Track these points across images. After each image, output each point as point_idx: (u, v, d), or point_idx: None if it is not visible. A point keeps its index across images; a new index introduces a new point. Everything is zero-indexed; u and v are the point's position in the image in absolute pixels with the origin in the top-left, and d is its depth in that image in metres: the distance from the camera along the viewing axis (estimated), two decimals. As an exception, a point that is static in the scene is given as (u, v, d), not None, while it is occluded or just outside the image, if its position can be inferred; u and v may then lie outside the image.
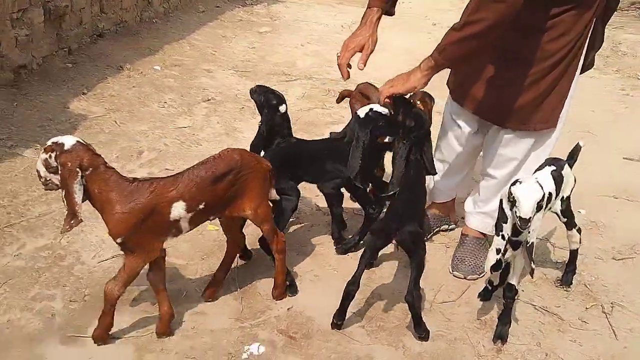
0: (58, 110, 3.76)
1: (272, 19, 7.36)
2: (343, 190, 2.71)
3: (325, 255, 2.74)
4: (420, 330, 2.23)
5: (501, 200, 2.12)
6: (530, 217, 2.00)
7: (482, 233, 2.74)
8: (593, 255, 2.81)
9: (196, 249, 2.71)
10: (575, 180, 2.39)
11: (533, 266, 2.15)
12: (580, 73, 2.45)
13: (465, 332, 2.30)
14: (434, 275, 2.62)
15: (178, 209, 2.03)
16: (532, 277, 2.28)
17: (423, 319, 2.22)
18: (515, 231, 2.09)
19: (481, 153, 2.74)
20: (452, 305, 2.46)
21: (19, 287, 2.37)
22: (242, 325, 2.28)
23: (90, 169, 1.93)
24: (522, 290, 2.54)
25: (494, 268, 2.21)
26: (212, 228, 2.87)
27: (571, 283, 2.57)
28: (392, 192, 2.27)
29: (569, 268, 2.58)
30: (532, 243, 2.10)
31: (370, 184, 2.70)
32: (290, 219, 2.75)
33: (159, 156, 3.50)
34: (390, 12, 2.56)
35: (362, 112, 2.49)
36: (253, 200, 2.17)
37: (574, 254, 2.55)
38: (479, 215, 2.72)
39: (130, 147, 3.55)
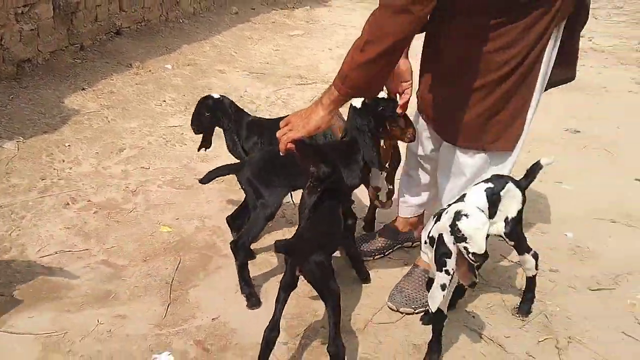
0: (52, 105, 3.81)
1: (308, 23, 7.30)
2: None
3: (274, 267, 2.60)
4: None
5: (441, 235, 1.91)
6: (485, 252, 1.80)
7: None
8: (567, 284, 2.52)
9: (142, 250, 2.64)
10: (523, 201, 2.13)
11: (476, 280, 1.93)
12: (546, 89, 2.20)
13: (394, 357, 2.10)
14: (382, 292, 2.42)
15: None
16: (472, 288, 2.04)
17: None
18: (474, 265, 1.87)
19: None
20: (389, 327, 2.25)
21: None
22: (160, 332, 2.18)
23: None
24: (473, 317, 2.31)
25: (429, 286, 2.01)
26: (165, 229, 2.80)
27: (529, 312, 2.31)
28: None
29: (526, 296, 2.32)
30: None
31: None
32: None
33: (138, 154, 3.47)
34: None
35: (357, 102, 2.32)
36: None
37: (531, 281, 2.29)
38: None
39: (113, 144, 3.54)
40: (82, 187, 3.08)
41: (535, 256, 2.23)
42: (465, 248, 1.81)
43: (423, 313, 2.29)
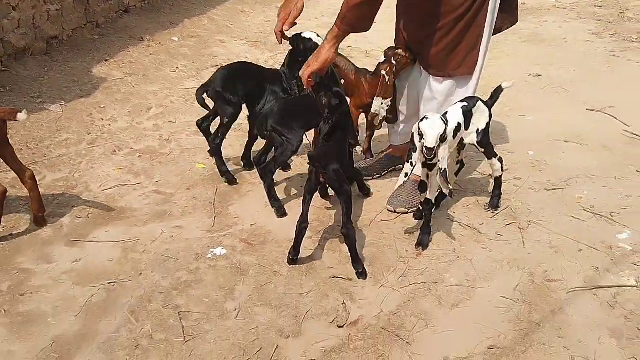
0: (83, 74, 4.35)
1: (293, -4, 7.79)
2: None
3: (294, 185, 3.21)
4: (358, 266, 2.50)
5: (412, 133, 2.52)
6: (433, 147, 2.40)
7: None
8: (528, 187, 3.17)
9: (184, 182, 3.23)
10: (490, 116, 2.75)
11: (450, 187, 2.56)
12: (494, 34, 2.84)
13: (394, 241, 2.74)
14: (381, 200, 3.04)
15: None
16: (450, 197, 2.69)
17: (358, 253, 2.52)
18: (426, 158, 2.50)
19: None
20: (389, 223, 2.89)
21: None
22: (212, 235, 2.78)
23: None
24: (454, 212, 2.95)
25: (420, 189, 2.64)
26: (200, 166, 3.39)
27: (497, 207, 2.95)
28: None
29: (494, 193, 2.95)
30: (445, 169, 2.49)
31: None
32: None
33: (165, 111, 4.04)
34: None
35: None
36: None
37: (497, 180, 2.92)
38: None
39: (141, 104, 4.10)
40: (123, 138, 3.65)
41: (501, 160, 2.86)
42: (421, 143, 2.43)
43: (415, 209, 2.91)
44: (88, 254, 2.63)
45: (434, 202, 2.66)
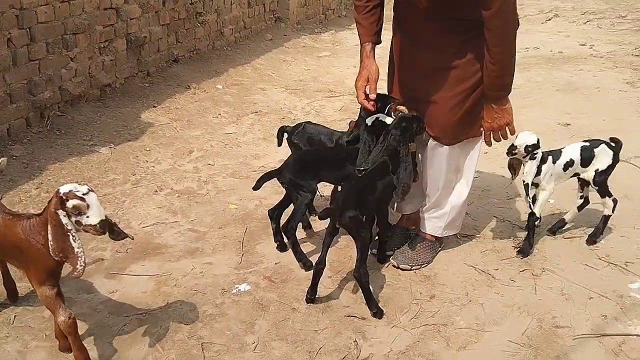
0: (132, 119, 4.70)
1: (334, 45, 8.15)
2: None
3: (315, 227, 3.39)
4: (372, 307, 2.61)
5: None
6: (516, 146, 2.94)
7: (433, 236, 3.06)
8: (546, 234, 3.26)
9: (217, 221, 3.46)
10: (614, 159, 3.04)
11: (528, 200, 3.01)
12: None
13: (409, 284, 2.87)
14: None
15: None
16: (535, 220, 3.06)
17: (372, 294, 2.63)
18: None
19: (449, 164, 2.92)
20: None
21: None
22: (238, 272, 2.98)
23: None
24: (470, 258, 3.08)
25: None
26: (233, 206, 3.62)
27: (595, 242, 3.17)
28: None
29: (597, 229, 3.19)
30: (528, 183, 2.97)
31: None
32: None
33: (205, 154, 4.33)
34: (379, 42, 2.85)
35: (369, 120, 2.93)
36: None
37: (605, 218, 3.16)
38: (430, 220, 3.05)
39: (183, 148, 4.40)
40: (165, 179, 3.93)
41: (615, 201, 3.09)
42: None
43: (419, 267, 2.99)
44: (124, 285, 2.86)
45: (538, 215, 3.03)
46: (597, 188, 3.08)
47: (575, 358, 2.38)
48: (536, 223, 3.05)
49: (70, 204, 2.06)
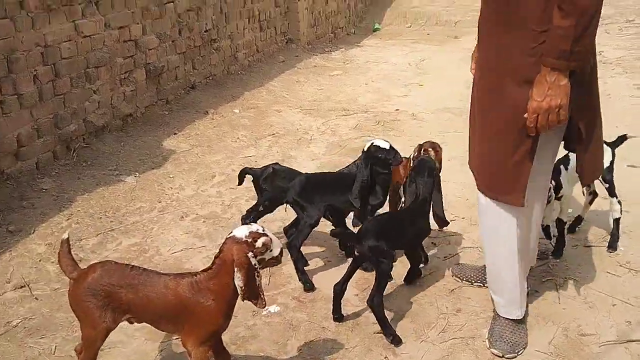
0: (154, 147, 4.84)
1: (345, 63, 8.27)
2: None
3: (336, 245, 3.47)
4: (387, 334, 2.62)
5: None
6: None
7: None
8: (570, 244, 3.31)
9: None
10: (613, 155, 3.21)
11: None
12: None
13: (435, 299, 2.94)
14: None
15: None
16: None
17: (387, 321, 2.64)
18: None
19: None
20: (430, 280, 3.10)
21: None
22: (267, 293, 3.02)
23: None
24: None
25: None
26: (258, 229, 3.71)
27: (615, 248, 3.24)
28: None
29: (612, 235, 3.26)
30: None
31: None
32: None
33: (226, 179, 4.43)
34: None
35: (365, 146, 3.11)
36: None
37: (616, 222, 3.24)
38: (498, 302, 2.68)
39: (205, 173, 4.52)
40: (190, 205, 4.04)
41: (620, 203, 3.17)
42: None
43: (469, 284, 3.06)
44: (158, 312, 2.95)
45: (565, 220, 3.16)
46: (607, 186, 3.18)
47: (603, 365, 2.44)
48: (565, 227, 3.18)
49: (260, 242, 2.11)
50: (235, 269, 2.08)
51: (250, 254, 2.09)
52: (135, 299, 2.15)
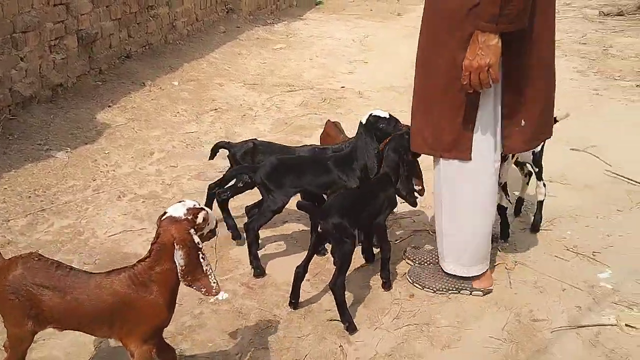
0: (87, 121, 4.53)
1: (288, 36, 8.07)
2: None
3: (291, 230, 3.36)
4: (345, 321, 2.53)
5: None
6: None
7: None
8: (514, 227, 3.33)
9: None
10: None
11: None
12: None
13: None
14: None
15: None
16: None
17: (346, 307, 2.55)
18: None
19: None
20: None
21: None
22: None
23: None
24: (445, 254, 3.10)
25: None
26: (202, 210, 3.53)
27: (538, 230, 3.29)
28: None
29: (536, 216, 3.30)
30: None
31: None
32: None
33: (166, 156, 4.21)
34: None
35: (364, 118, 2.97)
36: None
37: (540, 204, 3.27)
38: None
39: (143, 149, 4.27)
40: (127, 184, 3.81)
41: (544, 186, 3.22)
42: None
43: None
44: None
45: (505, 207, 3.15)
46: (537, 170, 3.21)
47: (555, 351, 2.44)
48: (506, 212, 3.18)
49: (200, 217, 1.93)
50: (176, 247, 1.90)
51: (192, 231, 1.92)
52: (62, 304, 1.94)
